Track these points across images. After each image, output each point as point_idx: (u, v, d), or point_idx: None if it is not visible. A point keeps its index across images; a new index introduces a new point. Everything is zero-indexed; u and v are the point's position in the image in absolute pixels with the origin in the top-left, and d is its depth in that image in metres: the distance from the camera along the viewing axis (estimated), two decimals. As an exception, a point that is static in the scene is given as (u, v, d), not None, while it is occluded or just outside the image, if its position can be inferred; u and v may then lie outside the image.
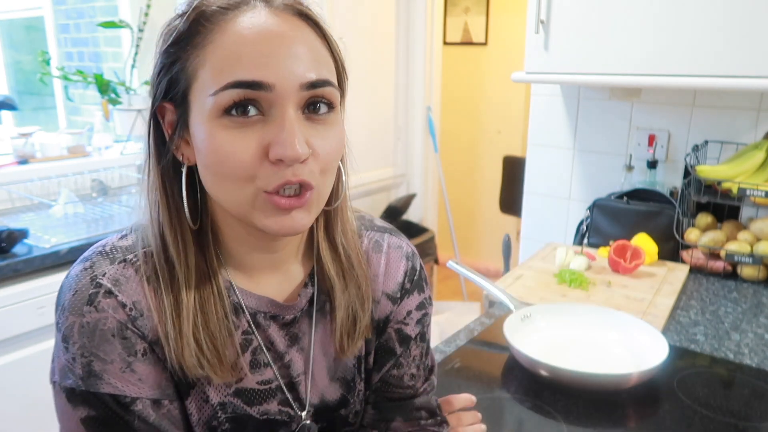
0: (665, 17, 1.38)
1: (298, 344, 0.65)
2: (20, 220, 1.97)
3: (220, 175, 0.54)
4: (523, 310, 1.15)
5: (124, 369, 0.56)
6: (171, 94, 0.56)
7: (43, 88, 3.08)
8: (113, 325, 0.55)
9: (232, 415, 0.61)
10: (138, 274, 0.58)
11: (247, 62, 0.52)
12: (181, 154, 0.58)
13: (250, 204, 0.55)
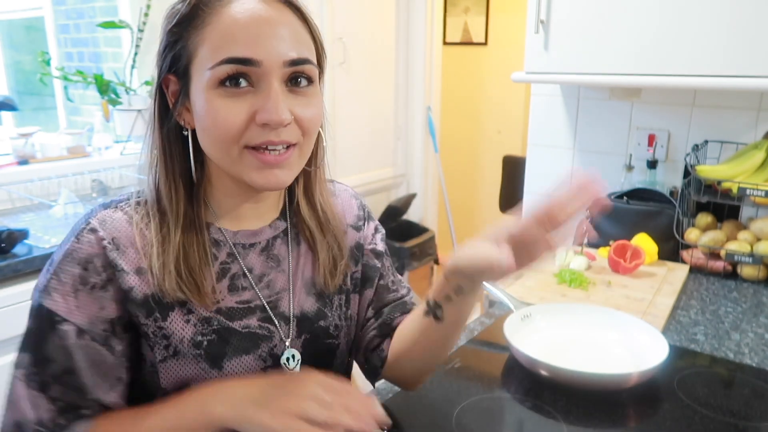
0: (665, 17, 1.38)
1: (279, 267, 0.76)
2: (20, 221, 1.97)
3: (214, 136, 0.65)
4: (523, 310, 1.15)
5: (69, 293, 0.65)
6: (174, 68, 0.66)
7: (43, 89, 3.07)
8: (83, 255, 0.66)
9: (216, 327, 0.70)
10: (126, 216, 0.69)
11: (240, 42, 0.62)
12: (182, 119, 0.68)
13: (238, 160, 0.66)
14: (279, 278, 0.76)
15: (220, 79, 0.63)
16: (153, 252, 0.67)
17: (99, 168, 2.35)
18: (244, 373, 0.71)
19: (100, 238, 0.66)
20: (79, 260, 0.66)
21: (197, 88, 0.65)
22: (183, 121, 0.68)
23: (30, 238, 1.77)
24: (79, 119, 3.12)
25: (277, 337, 0.74)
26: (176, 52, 0.65)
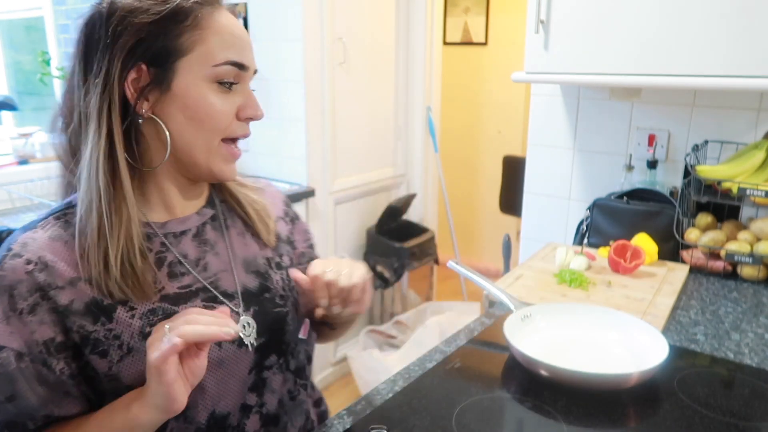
0: (665, 17, 1.38)
1: (213, 250, 0.79)
2: (20, 220, 1.97)
3: (206, 127, 0.71)
4: (523, 310, 1.15)
5: (10, 320, 0.65)
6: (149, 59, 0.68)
7: (43, 88, 3.08)
8: (7, 282, 0.66)
9: (161, 316, 0.71)
10: (47, 234, 0.69)
11: (238, 49, 0.73)
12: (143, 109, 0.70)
13: (216, 151, 0.73)
14: (215, 261, 0.79)
15: (220, 78, 0.71)
16: (92, 259, 0.67)
17: (99, 168, 2.34)
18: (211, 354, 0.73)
19: (25, 262, 0.67)
20: (4, 288, 0.66)
21: (187, 81, 0.70)
22: (143, 108, 0.70)
23: (30, 238, 1.76)
24: (79, 119, 3.11)
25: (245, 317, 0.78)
26: (156, 44, 0.68)
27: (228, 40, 0.72)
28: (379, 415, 0.91)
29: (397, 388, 0.99)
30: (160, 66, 0.69)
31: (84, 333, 0.68)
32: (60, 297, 0.67)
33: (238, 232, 0.83)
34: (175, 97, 0.70)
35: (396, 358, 2.40)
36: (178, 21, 0.69)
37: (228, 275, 0.79)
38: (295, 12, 2.41)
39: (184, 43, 0.69)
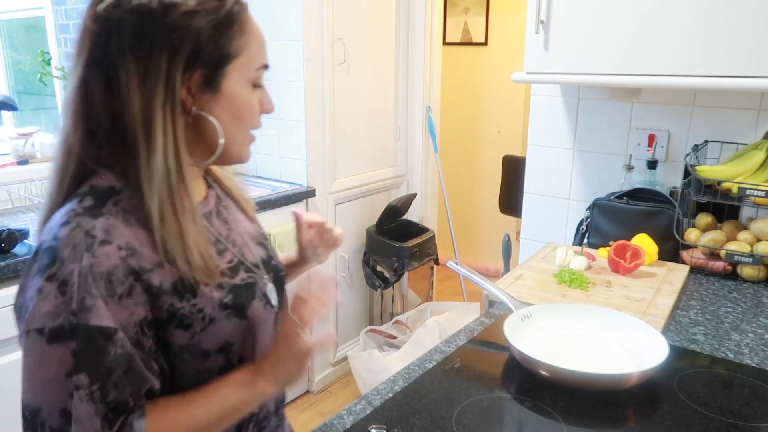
0: (665, 17, 1.38)
1: (230, 228, 0.85)
2: (20, 220, 1.97)
3: (248, 122, 0.78)
4: (523, 310, 1.15)
5: (110, 303, 0.66)
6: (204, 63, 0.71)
7: (43, 88, 3.08)
8: (104, 268, 0.66)
9: (228, 288, 0.77)
10: (119, 220, 0.70)
11: (265, 51, 0.78)
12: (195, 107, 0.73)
13: (248, 140, 0.80)
14: (236, 236, 0.85)
15: (257, 80, 0.77)
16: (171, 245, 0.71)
17: (99, 168, 2.34)
18: (259, 314, 0.80)
19: (116, 248, 0.68)
20: (101, 274, 0.66)
21: (235, 83, 0.74)
22: (196, 107, 0.73)
23: (30, 238, 1.76)
24: (79, 119, 3.11)
25: (260, 280, 0.84)
26: (212, 50, 0.71)
27: (261, 44, 0.77)
28: (379, 415, 0.91)
29: (397, 388, 0.99)
30: (213, 69, 0.72)
31: (173, 310, 0.72)
32: (152, 279, 0.70)
33: (233, 210, 0.89)
34: (223, 98, 0.74)
35: (396, 358, 2.39)
36: (229, 26, 0.72)
37: (247, 248, 0.85)
38: (295, 12, 2.41)
39: (234, 49, 0.73)
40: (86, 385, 0.66)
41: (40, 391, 0.69)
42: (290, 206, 2.47)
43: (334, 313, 2.84)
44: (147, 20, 0.67)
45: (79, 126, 0.72)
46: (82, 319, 0.65)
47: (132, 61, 0.68)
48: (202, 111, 0.73)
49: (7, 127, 2.94)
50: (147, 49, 0.68)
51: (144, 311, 0.70)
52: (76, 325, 0.65)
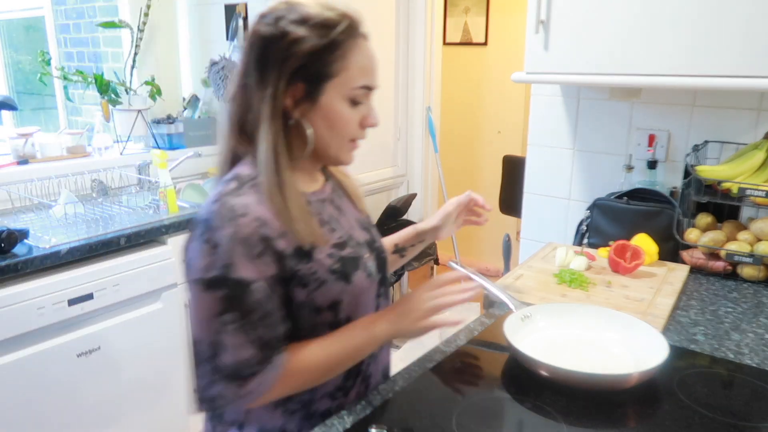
0: (665, 17, 1.38)
1: (342, 213, 1.03)
2: (20, 221, 1.97)
3: (336, 133, 0.93)
4: (523, 310, 1.15)
5: (249, 261, 0.85)
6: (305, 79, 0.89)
7: (43, 88, 3.08)
8: (244, 234, 0.85)
9: (337, 258, 0.95)
10: (253, 198, 0.88)
11: (370, 75, 0.94)
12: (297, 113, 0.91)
13: (345, 147, 0.96)
14: (344, 220, 1.02)
15: (354, 98, 0.92)
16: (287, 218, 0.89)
17: (99, 168, 2.34)
18: (361, 282, 0.97)
19: (252, 219, 0.86)
20: (241, 240, 0.85)
21: (331, 98, 0.91)
22: (295, 114, 0.91)
23: (30, 238, 1.77)
24: (79, 119, 3.12)
25: (363, 257, 1.00)
26: (312, 69, 0.89)
27: (364, 68, 0.92)
28: (379, 415, 0.91)
29: (397, 388, 0.99)
30: (313, 85, 0.90)
31: (293, 270, 0.90)
32: (278, 244, 0.88)
33: (346, 201, 1.07)
34: (320, 109, 0.91)
35: (396, 358, 2.39)
36: (330, 51, 0.89)
37: (353, 230, 1.02)
38: (295, 12, 2.41)
39: (333, 69, 0.89)
40: (234, 321, 0.84)
41: (199, 326, 0.87)
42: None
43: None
44: (268, 43, 0.89)
45: (233, 124, 0.94)
46: (228, 273, 0.84)
47: (256, 72, 0.90)
48: (302, 118, 0.91)
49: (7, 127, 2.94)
50: (264, 64, 0.89)
51: (273, 270, 0.88)
52: (223, 277, 0.84)
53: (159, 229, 1.99)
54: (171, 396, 2.11)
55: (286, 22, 0.89)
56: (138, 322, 1.94)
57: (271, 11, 0.91)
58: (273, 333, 0.88)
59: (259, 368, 0.86)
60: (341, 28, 0.89)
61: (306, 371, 0.91)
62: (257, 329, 0.86)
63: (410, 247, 1.30)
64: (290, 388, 0.91)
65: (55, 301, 1.72)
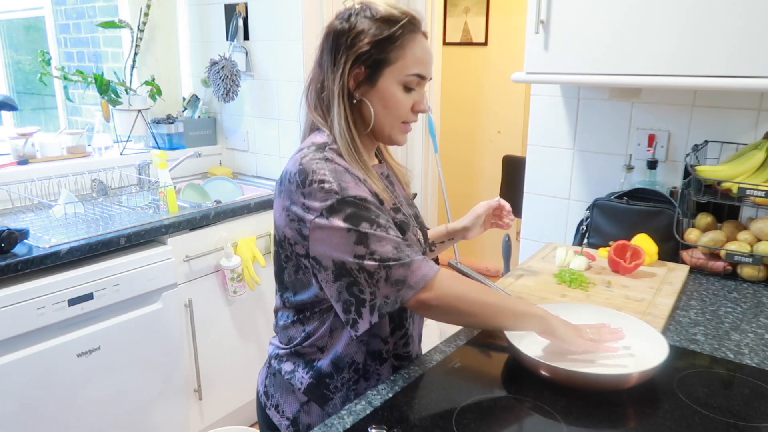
0: (665, 17, 1.38)
1: (393, 189, 1.16)
2: (20, 220, 1.97)
3: (393, 113, 1.06)
4: None
5: (357, 184, 1.00)
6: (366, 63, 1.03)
7: (43, 88, 3.08)
8: (342, 167, 1.00)
9: (395, 216, 1.08)
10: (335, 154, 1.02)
11: (425, 65, 1.06)
12: (358, 94, 1.06)
13: (396, 129, 1.09)
14: (396, 194, 1.15)
15: (407, 84, 1.05)
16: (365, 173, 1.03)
17: (99, 168, 2.35)
18: (413, 241, 1.08)
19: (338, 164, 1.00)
20: (342, 170, 0.99)
21: (387, 82, 1.04)
22: (358, 94, 1.06)
23: (30, 238, 1.77)
24: (79, 119, 3.12)
25: (412, 224, 1.13)
26: (374, 55, 1.03)
27: (418, 59, 1.05)
28: (379, 415, 0.91)
29: (397, 388, 0.99)
30: (373, 69, 1.04)
31: None
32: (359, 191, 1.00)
33: (394, 179, 1.20)
34: (377, 91, 1.05)
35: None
36: (390, 42, 1.03)
37: (403, 205, 1.15)
38: (295, 12, 2.41)
39: (391, 57, 1.03)
40: (369, 228, 0.96)
41: (335, 250, 0.97)
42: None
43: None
44: (340, 33, 1.04)
45: (311, 101, 1.10)
46: (346, 194, 0.97)
47: (329, 58, 1.05)
48: (363, 97, 1.06)
49: (7, 127, 2.95)
50: (336, 50, 1.04)
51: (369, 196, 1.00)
52: (342, 199, 0.96)
53: (159, 229, 1.99)
54: (171, 396, 2.11)
55: (355, 17, 1.04)
56: (138, 322, 1.94)
57: (347, 10, 1.07)
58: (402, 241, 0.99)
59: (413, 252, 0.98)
60: (402, 23, 1.03)
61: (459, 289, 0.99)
62: (393, 230, 0.99)
63: (440, 243, 1.40)
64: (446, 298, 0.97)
65: (55, 301, 1.72)
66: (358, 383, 1.09)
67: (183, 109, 2.83)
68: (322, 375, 1.08)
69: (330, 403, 1.09)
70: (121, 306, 1.90)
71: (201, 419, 2.28)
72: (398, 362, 1.12)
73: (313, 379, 1.08)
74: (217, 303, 2.26)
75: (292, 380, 1.10)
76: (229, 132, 2.81)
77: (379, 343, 1.09)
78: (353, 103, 1.06)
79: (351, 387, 1.09)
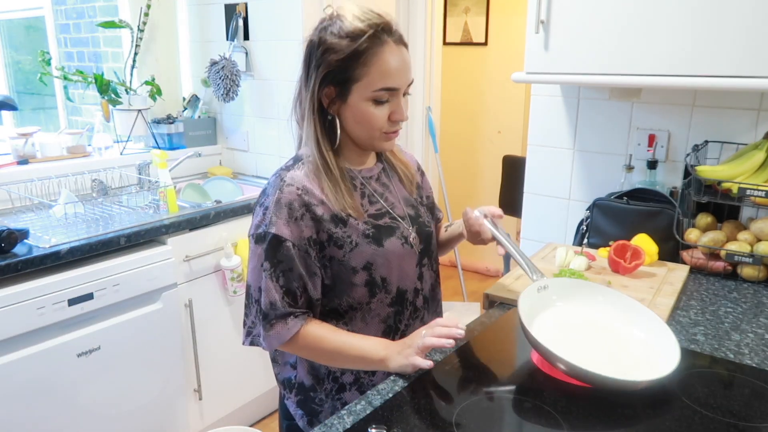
0: (665, 17, 1.38)
1: (388, 190, 1.19)
2: (20, 220, 1.97)
3: (367, 128, 1.08)
4: (541, 281, 1.11)
5: (286, 223, 1.04)
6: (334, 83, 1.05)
7: (43, 88, 3.08)
8: (286, 200, 1.05)
9: (371, 227, 1.11)
10: (303, 173, 1.09)
11: (392, 78, 1.05)
12: (333, 110, 1.09)
13: (377, 140, 1.10)
14: (390, 196, 1.18)
15: (376, 98, 1.05)
16: (327, 191, 1.08)
17: (99, 168, 2.35)
18: (394, 248, 1.12)
19: (296, 189, 1.06)
20: (285, 203, 1.05)
21: (357, 98, 1.05)
22: (332, 110, 1.09)
23: (30, 238, 1.77)
24: (79, 119, 3.12)
25: (402, 227, 1.16)
26: (339, 74, 1.04)
27: (384, 72, 1.04)
28: (379, 415, 0.91)
29: (397, 388, 0.99)
30: (342, 87, 1.06)
31: (330, 233, 1.07)
32: (317, 210, 1.07)
33: (396, 181, 1.22)
34: (349, 108, 1.07)
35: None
36: (354, 59, 1.03)
37: (398, 206, 1.18)
38: (295, 12, 2.41)
39: (357, 75, 1.04)
40: (269, 269, 1.05)
41: (251, 274, 1.09)
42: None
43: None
44: (312, 49, 1.06)
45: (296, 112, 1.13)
46: (270, 229, 1.04)
47: (303, 73, 1.09)
48: (336, 114, 1.09)
49: (7, 127, 2.94)
50: (308, 66, 1.07)
51: (311, 231, 1.06)
52: (265, 233, 1.05)
53: (159, 228, 1.99)
54: (171, 396, 2.11)
55: (326, 32, 1.05)
56: (138, 322, 1.94)
57: (323, 20, 1.08)
58: (297, 286, 1.06)
59: (283, 314, 1.05)
60: (365, 37, 1.02)
61: (312, 346, 1.08)
62: (284, 278, 1.05)
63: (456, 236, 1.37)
64: (300, 350, 1.09)
65: (55, 301, 1.72)
66: (343, 392, 1.15)
67: (183, 109, 2.83)
68: (305, 389, 1.17)
69: (322, 415, 1.16)
70: (121, 306, 1.90)
71: (201, 419, 2.28)
72: None
73: (301, 395, 1.18)
74: (217, 303, 2.26)
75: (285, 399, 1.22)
76: (229, 132, 2.81)
77: None
78: (327, 119, 1.09)
79: (335, 397, 1.15)
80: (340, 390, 1.15)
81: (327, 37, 1.04)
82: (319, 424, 1.02)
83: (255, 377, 2.45)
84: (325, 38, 1.04)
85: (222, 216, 2.20)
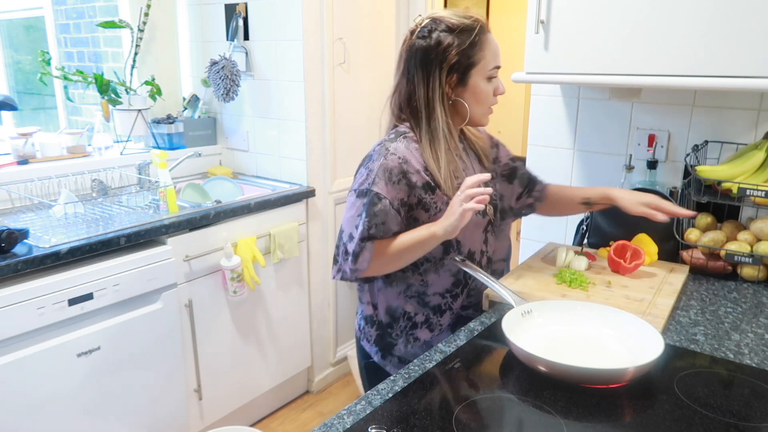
0: (665, 17, 1.38)
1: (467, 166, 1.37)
2: (20, 220, 1.97)
3: (481, 104, 1.31)
4: (523, 305, 1.15)
5: (386, 183, 1.23)
6: (457, 71, 1.27)
7: (43, 88, 3.08)
8: (389, 166, 1.24)
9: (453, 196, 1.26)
10: (404, 145, 1.27)
11: (498, 57, 1.30)
12: (453, 95, 1.30)
13: (486, 113, 1.35)
14: (468, 171, 1.35)
15: (491, 76, 1.29)
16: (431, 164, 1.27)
17: (99, 168, 2.35)
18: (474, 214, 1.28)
19: (397, 158, 1.25)
20: (388, 168, 1.24)
21: (476, 80, 1.28)
22: (453, 96, 1.30)
23: (30, 238, 1.77)
24: (79, 119, 3.12)
25: None
26: (462, 62, 1.25)
27: (494, 53, 1.28)
28: (379, 415, 0.91)
29: (397, 388, 0.99)
30: (463, 73, 1.27)
31: (420, 198, 1.26)
32: (412, 178, 1.25)
33: (473, 158, 1.42)
34: (469, 89, 1.29)
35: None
36: (471, 48, 1.25)
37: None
38: (295, 12, 2.41)
39: (475, 60, 1.26)
40: (365, 220, 1.23)
41: (346, 221, 1.27)
42: (290, 206, 2.48)
43: (334, 313, 2.84)
44: (427, 50, 1.25)
45: (395, 104, 1.34)
46: (372, 186, 1.23)
47: (420, 71, 1.27)
48: (458, 98, 1.29)
49: (7, 127, 2.94)
50: (428, 65, 1.26)
51: (404, 195, 1.25)
52: (369, 190, 1.23)
53: (159, 228, 1.99)
54: (171, 396, 2.11)
55: (437, 33, 1.24)
56: (138, 322, 1.94)
57: (421, 27, 1.26)
58: (383, 237, 1.24)
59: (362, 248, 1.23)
60: (477, 29, 1.25)
61: (387, 253, 1.25)
62: (375, 229, 1.23)
63: (597, 204, 1.51)
64: (380, 265, 1.27)
65: (55, 301, 1.72)
66: (415, 329, 1.35)
67: (183, 109, 2.83)
68: (383, 326, 1.37)
69: (395, 348, 1.36)
70: (121, 306, 1.90)
71: (201, 419, 2.28)
72: (465, 312, 1.37)
73: (380, 330, 1.38)
74: (217, 303, 2.26)
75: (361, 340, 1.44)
76: (229, 132, 2.81)
77: (438, 297, 1.34)
78: (449, 104, 1.29)
79: (408, 333, 1.35)
80: (413, 327, 1.35)
81: (442, 37, 1.24)
82: (391, 357, 1.37)
83: (255, 377, 2.45)
84: (440, 38, 1.24)
85: (222, 216, 2.20)
